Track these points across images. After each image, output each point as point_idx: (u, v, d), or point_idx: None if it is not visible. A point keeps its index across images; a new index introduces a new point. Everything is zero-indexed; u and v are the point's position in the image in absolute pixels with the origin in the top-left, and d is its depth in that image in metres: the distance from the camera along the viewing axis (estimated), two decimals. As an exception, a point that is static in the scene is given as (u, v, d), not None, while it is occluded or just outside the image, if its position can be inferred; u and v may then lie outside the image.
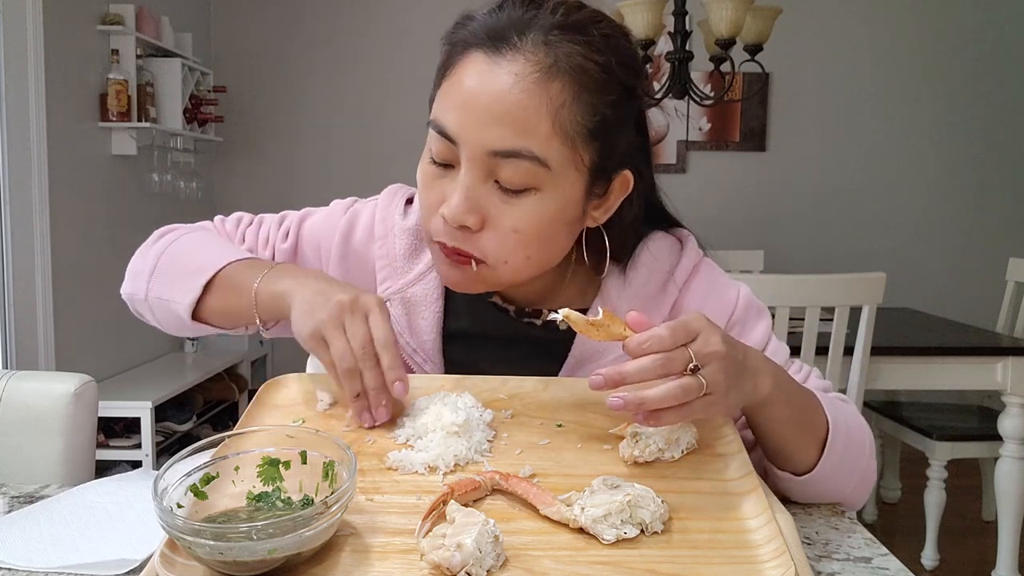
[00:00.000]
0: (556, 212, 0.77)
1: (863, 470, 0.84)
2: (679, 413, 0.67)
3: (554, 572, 0.54)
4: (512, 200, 0.76)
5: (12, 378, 1.21)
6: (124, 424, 3.00)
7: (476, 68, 0.75)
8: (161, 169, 3.48)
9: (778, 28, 2.79)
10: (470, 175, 0.75)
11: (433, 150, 0.78)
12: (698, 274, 0.91)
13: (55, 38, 2.81)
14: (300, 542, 0.52)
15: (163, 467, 0.57)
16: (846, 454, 0.80)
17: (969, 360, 2.38)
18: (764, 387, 0.72)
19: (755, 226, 4.09)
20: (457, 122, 0.75)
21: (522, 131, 0.73)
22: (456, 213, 0.75)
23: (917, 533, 2.76)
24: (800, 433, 0.78)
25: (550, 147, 0.74)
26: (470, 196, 0.75)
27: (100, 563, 0.74)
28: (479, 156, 0.74)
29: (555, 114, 0.73)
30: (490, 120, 0.73)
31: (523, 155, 0.73)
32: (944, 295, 4.01)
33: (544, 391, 0.80)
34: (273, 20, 4.16)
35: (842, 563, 0.74)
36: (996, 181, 4.18)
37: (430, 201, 0.80)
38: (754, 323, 0.91)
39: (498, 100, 0.73)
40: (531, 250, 0.78)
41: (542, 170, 0.74)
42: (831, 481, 0.81)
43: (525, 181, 0.75)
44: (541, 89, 0.73)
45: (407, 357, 0.91)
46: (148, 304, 0.94)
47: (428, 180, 0.80)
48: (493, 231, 0.76)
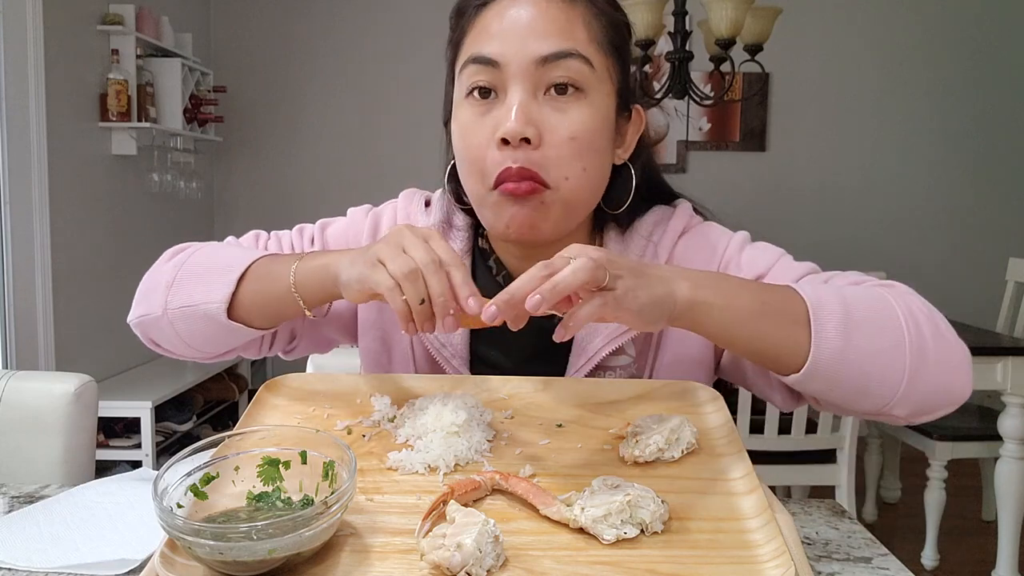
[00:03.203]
0: (603, 120, 0.82)
1: (920, 342, 0.71)
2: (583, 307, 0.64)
3: (554, 572, 0.54)
4: (564, 107, 0.80)
5: (12, 378, 1.22)
6: (124, 424, 3.00)
7: (502, 9, 0.81)
8: (161, 169, 3.48)
9: (778, 28, 2.79)
10: (521, 89, 0.79)
11: (471, 83, 0.81)
12: (690, 234, 0.92)
13: (55, 38, 2.81)
14: (300, 542, 0.52)
15: (163, 467, 0.57)
16: (855, 330, 0.70)
17: (969, 360, 2.38)
18: (681, 291, 0.69)
19: (755, 226, 4.03)
20: (501, 44, 0.79)
21: (567, 35, 0.80)
22: (516, 126, 0.78)
23: (917, 533, 2.76)
24: (769, 326, 0.71)
25: (589, 49, 0.81)
26: (525, 109, 0.79)
27: (100, 563, 0.74)
28: (527, 68, 0.79)
29: (587, 24, 0.81)
30: (533, 34, 0.79)
31: (571, 54, 0.79)
32: (944, 295, 3.98)
33: (544, 391, 0.80)
34: (273, 20, 4.16)
35: (842, 563, 0.74)
36: (996, 181, 4.18)
37: (479, 138, 0.81)
38: (750, 254, 0.89)
39: (535, 18, 0.79)
40: (586, 160, 0.81)
41: (588, 69, 0.80)
42: (854, 367, 0.70)
43: (576, 79, 0.80)
44: (569, 5, 0.81)
45: (434, 352, 0.91)
46: (168, 319, 0.86)
47: (472, 119, 0.82)
48: (551, 144, 0.79)
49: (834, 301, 0.71)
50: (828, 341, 0.70)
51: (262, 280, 0.82)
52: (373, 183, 4.07)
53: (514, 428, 0.74)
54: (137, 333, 0.93)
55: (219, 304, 0.82)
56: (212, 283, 0.83)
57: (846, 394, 0.73)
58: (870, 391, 0.72)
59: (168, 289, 0.86)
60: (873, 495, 3.12)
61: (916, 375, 0.71)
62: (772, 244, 0.93)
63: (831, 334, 0.70)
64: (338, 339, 1.00)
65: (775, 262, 0.88)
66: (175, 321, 0.86)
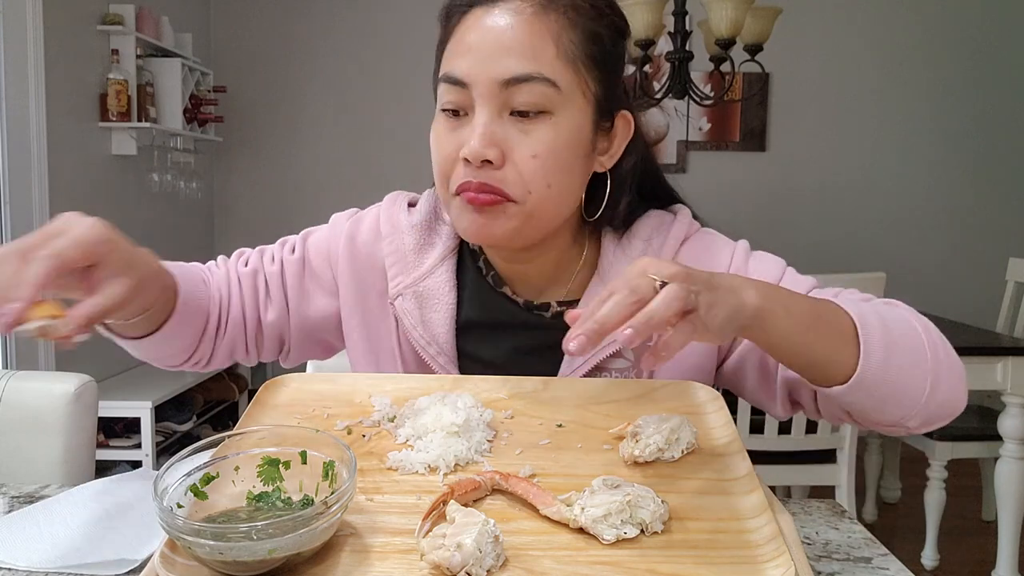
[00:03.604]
0: (569, 138, 0.81)
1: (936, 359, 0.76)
2: (674, 336, 0.62)
3: (554, 572, 0.54)
4: (528, 128, 0.80)
5: (12, 378, 1.22)
6: (124, 424, 3.00)
7: (476, 20, 0.81)
8: (161, 169, 3.48)
9: (778, 28, 2.79)
10: (485, 111, 0.79)
11: (443, 103, 0.82)
12: (691, 241, 0.93)
13: (55, 38, 2.82)
14: (300, 542, 0.52)
15: (163, 467, 0.57)
16: (895, 348, 0.73)
17: (969, 360, 2.35)
18: (751, 299, 0.67)
19: (755, 226, 4.08)
20: (467, 64, 0.80)
21: (531, 56, 0.78)
22: (477, 148, 0.78)
23: (917, 533, 2.76)
24: (821, 338, 0.72)
25: (556, 69, 0.79)
26: (488, 131, 0.79)
27: (100, 563, 0.74)
28: (492, 90, 0.79)
29: (557, 39, 0.79)
30: (499, 53, 0.79)
31: (535, 78, 0.78)
32: (944, 295, 4.01)
33: (544, 391, 0.80)
34: (273, 20, 4.16)
35: (842, 563, 0.74)
36: (996, 181, 4.18)
37: (447, 152, 0.82)
38: (754, 265, 0.90)
39: (503, 34, 0.79)
40: (551, 177, 0.81)
41: (553, 91, 0.79)
42: (893, 380, 0.73)
43: (539, 103, 0.79)
44: (540, 20, 0.79)
45: (420, 350, 0.91)
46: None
47: (442, 133, 0.83)
48: (514, 162, 0.80)
49: (874, 318, 0.74)
50: (873, 356, 0.72)
51: None
52: (373, 183, 4.06)
53: (514, 428, 0.74)
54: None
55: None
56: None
57: (875, 406, 0.76)
58: (898, 404, 0.76)
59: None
60: (873, 495, 3.12)
61: (934, 390, 0.75)
62: (771, 251, 0.94)
63: (876, 349, 0.72)
64: (330, 342, 1.01)
65: (782, 274, 0.89)
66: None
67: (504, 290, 0.93)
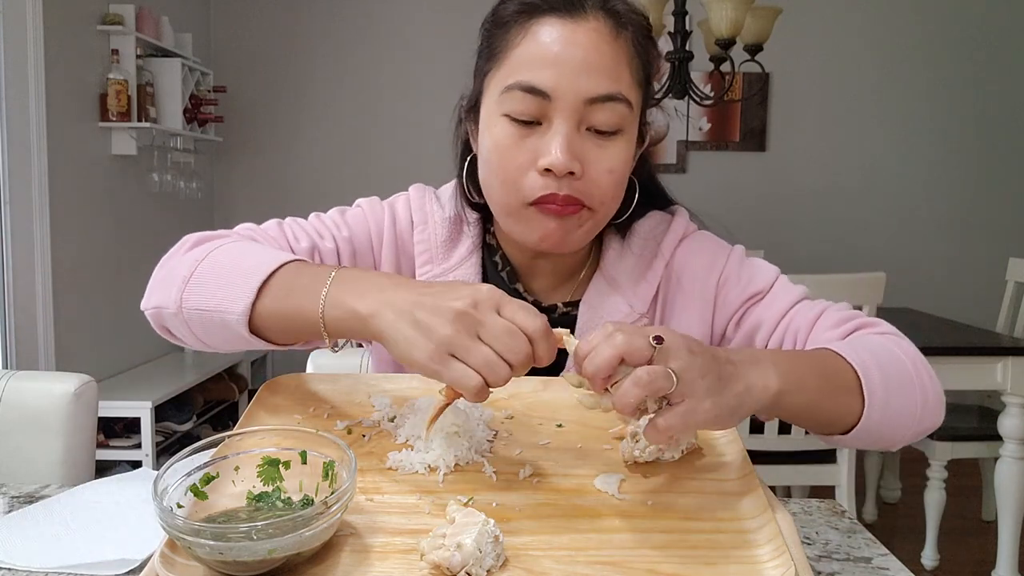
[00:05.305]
0: (631, 153, 0.86)
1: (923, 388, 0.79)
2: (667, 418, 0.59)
3: (554, 572, 0.54)
4: (604, 144, 0.83)
5: (12, 378, 1.22)
6: (124, 424, 3.00)
7: (557, 30, 0.82)
8: (161, 169, 3.48)
9: (778, 28, 2.79)
10: (568, 124, 0.81)
11: (516, 111, 0.82)
12: (687, 240, 0.96)
13: (55, 38, 2.81)
14: (300, 542, 0.52)
15: (163, 467, 0.57)
16: (891, 387, 0.76)
17: (969, 360, 2.38)
18: (761, 384, 0.65)
19: (755, 226, 4.08)
20: (552, 77, 0.80)
21: (614, 77, 0.82)
22: (564, 160, 0.80)
23: (917, 533, 2.76)
24: (828, 398, 0.73)
25: (631, 90, 0.84)
26: (571, 144, 0.81)
27: (100, 563, 0.74)
28: (575, 105, 0.81)
29: (630, 61, 0.84)
30: (586, 70, 0.80)
31: (617, 98, 0.82)
32: (944, 295, 4.01)
33: (544, 391, 0.81)
34: (273, 20, 4.16)
35: (842, 563, 0.74)
36: (996, 181, 4.18)
37: (519, 161, 0.83)
38: (748, 271, 0.93)
39: (591, 52, 0.81)
40: (619, 190, 0.86)
41: (628, 111, 0.83)
42: (891, 418, 0.76)
43: (618, 123, 0.83)
44: (618, 41, 0.83)
45: None
46: (183, 318, 0.80)
47: (511, 142, 0.83)
48: (592, 176, 0.83)
49: (872, 364, 0.76)
50: (875, 407, 0.74)
51: (288, 296, 0.74)
52: (373, 183, 4.05)
53: (514, 428, 0.74)
54: (150, 321, 0.86)
55: (238, 316, 0.74)
56: (232, 288, 0.76)
57: (872, 443, 0.79)
58: (891, 438, 0.79)
59: (184, 284, 0.79)
60: (873, 495, 3.12)
61: (922, 419, 0.79)
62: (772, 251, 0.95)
63: (877, 399, 0.74)
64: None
65: (773, 281, 0.93)
66: (191, 322, 0.80)
67: (517, 286, 0.96)
